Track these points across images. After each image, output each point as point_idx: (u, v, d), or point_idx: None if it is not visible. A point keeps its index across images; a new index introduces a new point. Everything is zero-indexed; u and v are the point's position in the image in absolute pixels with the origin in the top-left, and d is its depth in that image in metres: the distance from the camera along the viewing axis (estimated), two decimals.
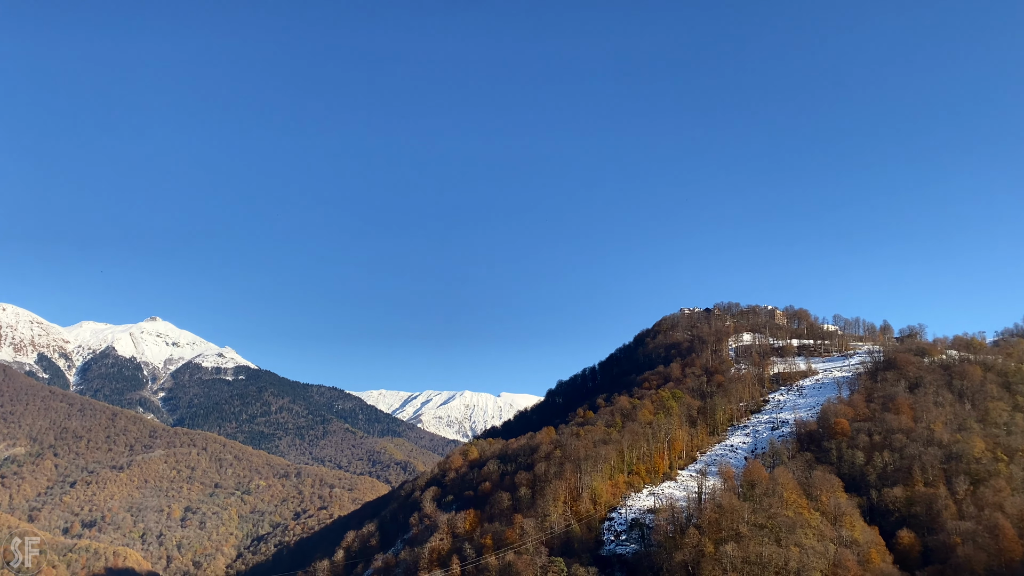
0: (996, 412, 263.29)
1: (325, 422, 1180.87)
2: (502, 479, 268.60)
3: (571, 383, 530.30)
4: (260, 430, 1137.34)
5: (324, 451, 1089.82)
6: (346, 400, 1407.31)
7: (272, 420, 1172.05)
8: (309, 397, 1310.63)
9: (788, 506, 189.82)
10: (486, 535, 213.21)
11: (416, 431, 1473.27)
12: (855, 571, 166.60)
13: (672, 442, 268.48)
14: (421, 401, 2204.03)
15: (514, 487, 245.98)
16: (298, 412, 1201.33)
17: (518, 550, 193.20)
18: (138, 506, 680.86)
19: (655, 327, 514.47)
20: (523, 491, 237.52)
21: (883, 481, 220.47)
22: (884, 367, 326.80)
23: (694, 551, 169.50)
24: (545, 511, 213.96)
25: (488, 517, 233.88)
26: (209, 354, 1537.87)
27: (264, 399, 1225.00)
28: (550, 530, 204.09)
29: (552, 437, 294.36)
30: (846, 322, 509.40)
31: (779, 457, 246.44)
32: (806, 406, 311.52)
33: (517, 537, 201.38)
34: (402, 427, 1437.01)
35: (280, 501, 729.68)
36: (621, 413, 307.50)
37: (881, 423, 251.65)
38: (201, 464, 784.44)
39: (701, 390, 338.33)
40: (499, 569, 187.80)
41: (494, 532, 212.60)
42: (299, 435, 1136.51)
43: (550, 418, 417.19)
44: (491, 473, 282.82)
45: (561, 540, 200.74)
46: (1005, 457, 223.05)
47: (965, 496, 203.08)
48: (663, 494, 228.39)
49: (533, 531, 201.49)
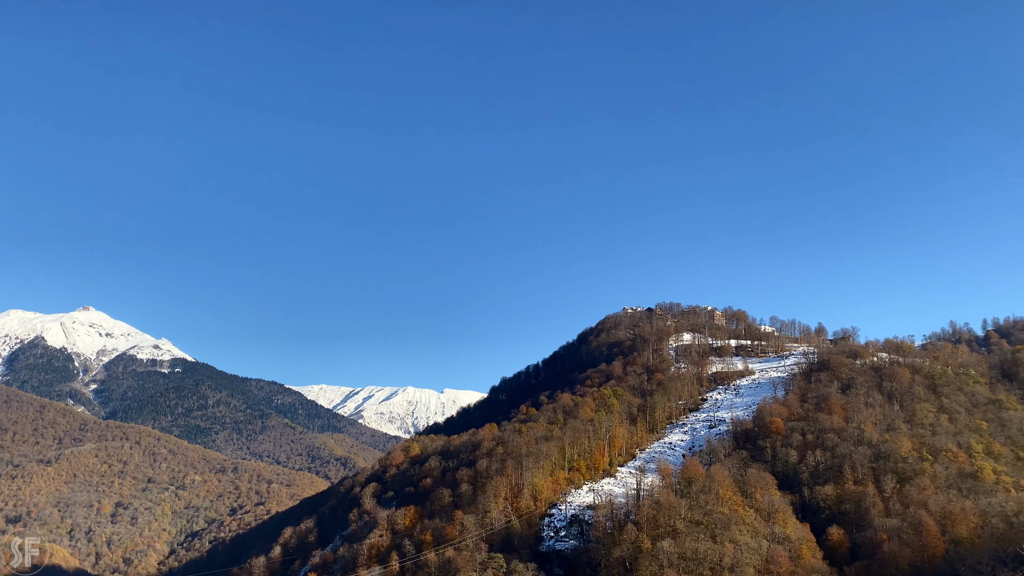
0: (923, 413, 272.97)
1: (264, 417, 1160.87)
2: (443, 475, 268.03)
3: (515, 380, 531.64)
4: (196, 424, 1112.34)
5: (262, 446, 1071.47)
6: (286, 395, 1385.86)
7: (209, 414, 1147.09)
8: (248, 391, 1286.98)
9: (724, 503, 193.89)
10: (426, 531, 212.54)
11: (357, 427, 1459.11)
12: (787, 567, 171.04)
13: (612, 439, 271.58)
14: (363, 397, 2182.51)
15: (455, 483, 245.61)
16: (236, 406, 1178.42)
17: (458, 546, 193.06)
18: (66, 501, 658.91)
19: (598, 326, 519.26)
20: (464, 487, 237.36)
21: (815, 479, 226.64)
22: (818, 368, 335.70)
23: (632, 547, 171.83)
24: (486, 507, 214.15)
25: (429, 513, 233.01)
26: (144, 346, 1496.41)
27: (201, 392, 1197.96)
28: (490, 526, 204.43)
29: (494, 434, 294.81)
30: (783, 323, 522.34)
31: (716, 455, 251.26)
32: (743, 405, 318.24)
33: (457, 533, 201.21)
34: (343, 423, 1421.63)
35: (216, 497, 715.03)
36: (563, 410, 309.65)
37: (814, 423, 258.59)
38: (134, 458, 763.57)
39: (642, 388, 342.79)
40: (438, 565, 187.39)
41: (434, 528, 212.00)
42: (237, 430, 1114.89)
43: (493, 415, 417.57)
44: (432, 469, 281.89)
45: (501, 536, 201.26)
46: (930, 457, 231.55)
47: (892, 494, 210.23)
48: (603, 491, 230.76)
49: (473, 527, 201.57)
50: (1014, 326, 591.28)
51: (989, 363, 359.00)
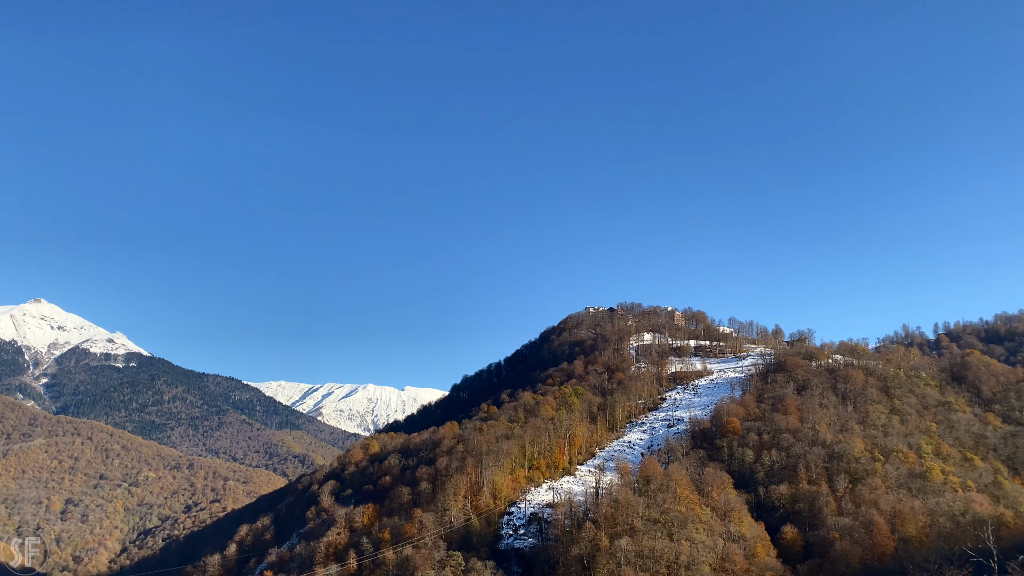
0: (875, 414, 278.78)
1: (221, 413, 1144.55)
2: (403, 473, 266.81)
3: (476, 378, 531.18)
4: (151, 420, 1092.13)
5: (219, 443, 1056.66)
6: (244, 391, 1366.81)
7: (165, 410, 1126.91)
8: (205, 387, 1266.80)
9: (681, 502, 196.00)
10: (384, 529, 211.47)
11: (316, 424, 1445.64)
12: (742, 565, 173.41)
13: (573, 438, 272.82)
14: (322, 394, 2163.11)
15: (415, 481, 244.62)
16: (192, 402, 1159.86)
17: (416, 544, 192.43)
18: (14, 498, 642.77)
19: (561, 324, 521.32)
20: (424, 485, 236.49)
21: (770, 478, 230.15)
22: (775, 369, 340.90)
23: (590, 545, 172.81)
24: (445, 505, 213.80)
25: (387, 511, 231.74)
26: (98, 339, 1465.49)
27: (157, 388, 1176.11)
28: (449, 525, 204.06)
29: (455, 432, 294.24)
30: (741, 325, 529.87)
31: (674, 454, 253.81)
32: (701, 405, 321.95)
33: (416, 531, 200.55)
34: (301, 420, 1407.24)
35: (170, 493, 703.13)
36: (524, 409, 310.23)
37: (770, 423, 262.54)
38: (85, 454, 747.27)
39: (602, 387, 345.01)
40: (397, 563, 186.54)
41: (393, 526, 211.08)
42: (193, 426, 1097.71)
43: (454, 413, 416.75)
44: (392, 467, 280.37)
45: (460, 534, 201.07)
46: (882, 457, 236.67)
47: (845, 493, 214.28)
48: (562, 489, 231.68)
49: (432, 525, 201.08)
50: (964, 330, 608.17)
51: (940, 366, 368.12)
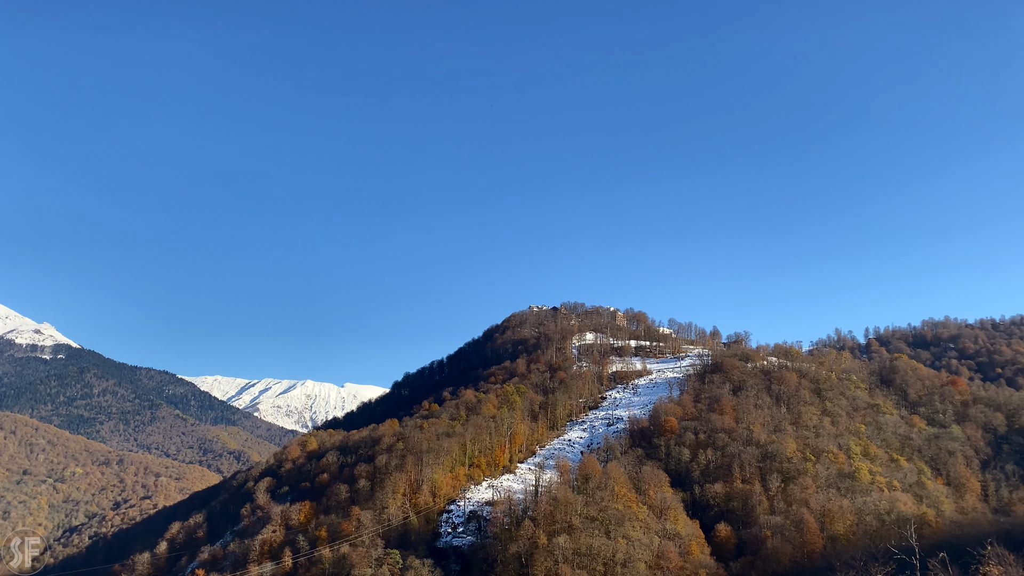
0: (808, 415, 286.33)
1: (154, 407, 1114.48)
2: (341, 471, 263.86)
3: (418, 376, 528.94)
4: (80, 414, 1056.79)
5: (151, 438, 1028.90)
6: (178, 385, 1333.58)
7: (94, 403, 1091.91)
8: (137, 380, 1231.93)
9: (618, 500, 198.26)
10: (321, 527, 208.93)
11: (253, 420, 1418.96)
12: (676, 563, 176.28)
13: (514, 436, 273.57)
14: (259, 389, 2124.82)
15: (353, 479, 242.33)
16: (124, 396, 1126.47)
17: (354, 542, 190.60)
18: None
19: (504, 323, 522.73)
20: (362, 483, 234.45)
21: (706, 477, 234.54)
22: (712, 370, 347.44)
23: (528, 543, 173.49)
24: (384, 503, 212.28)
25: (325, 509, 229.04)
26: (24, 330, 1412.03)
27: (86, 381, 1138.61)
28: (387, 522, 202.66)
29: (395, 429, 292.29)
30: (680, 326, 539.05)
31: (613, 452, 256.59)
32: (640, 404, 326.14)
33: (353, 529, 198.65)
34: (238, 415, 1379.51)
35: (98, 490, 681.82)
36: (466, 407, 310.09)
37: (707, 422, 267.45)
38: (8, 449, 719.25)
39: (544, 386, 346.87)
40: (333, 562, 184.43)
41: (330, 524, 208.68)
42: (124, 420, 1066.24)
43: (395, 410, 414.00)
44: (330, 464, 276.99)
45: (398, 532, 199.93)
46: (813, 457, 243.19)
47: (777, 493, 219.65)
48: (502, 487, 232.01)
49: (370, 523, 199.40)
50: (893, 335, 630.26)
51: (869, 369, 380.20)
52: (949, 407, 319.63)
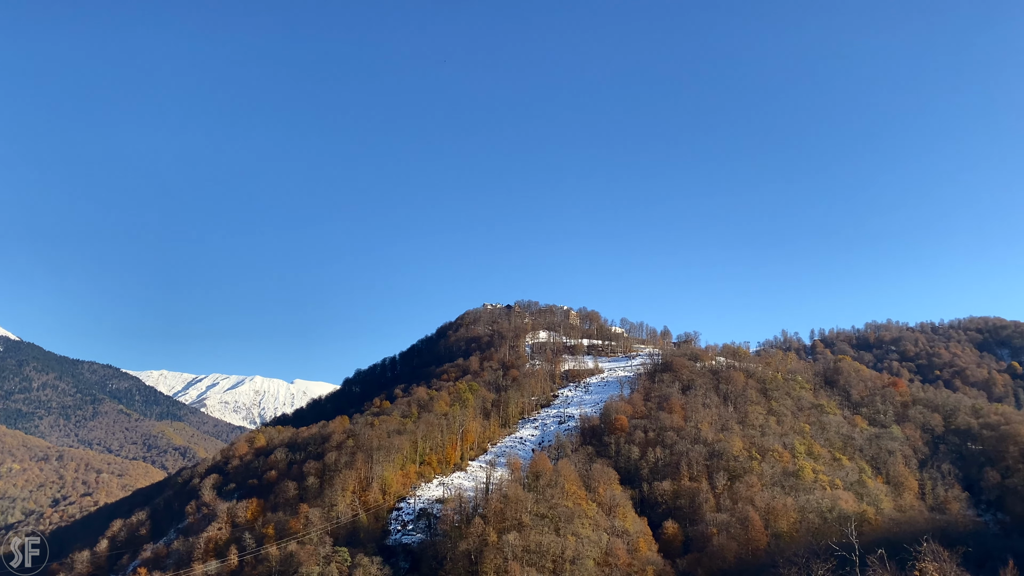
0: (754, 415, 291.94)
1: (96, 402, 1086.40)
2: (290, 468, 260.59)
3: (370, 372, 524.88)
4: (18, 408, 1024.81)
5: (93, 433, 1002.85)
6: (122, 379, 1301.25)
7: (33, 397, 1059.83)
8: (79, 374, 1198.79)
9: (568, 497, 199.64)
10: (268, 524, 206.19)
11: (199, 416, 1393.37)
12: (624, 559, 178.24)
13: (465, 433, 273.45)
14: (207, 384, 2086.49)
15: (302, 476, 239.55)
16: (65, 390, 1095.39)
17: (301, 540, 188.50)
18: None
19: (458, 320, 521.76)
20: (311, 480, 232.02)
21: (654, 475, 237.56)
22: (662, 369, 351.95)
23: (478, 540, 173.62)
24: (333, 501, 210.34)
25: (272, 506, 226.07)
26: None
27: (25, 374, 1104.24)
28: (336, 520, 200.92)
29: (346, 426, 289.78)
30: (632, 325, 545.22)
31: (564, 450, 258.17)
32: (591, 402, 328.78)
33: (302, 527, 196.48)
34: (184, 411, 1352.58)
35: (36, 487, 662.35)
36: (418, 404, 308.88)
37: (656, 421, 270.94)
38: None
39: (497, 384, 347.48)
40: (280, 559, 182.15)
41: (277, 522, 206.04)
42: (64, 415, 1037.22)
43: (346, 407, 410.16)
44: (278, 461, 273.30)
45: (347, 530, 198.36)
46: (759, 456, 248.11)
47: (723, 490, 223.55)
48: (453, 484, 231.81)
49: (319, 521, 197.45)
50: (837, 337, 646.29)
51: (814, 370, 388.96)
52: (890, 408, 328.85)
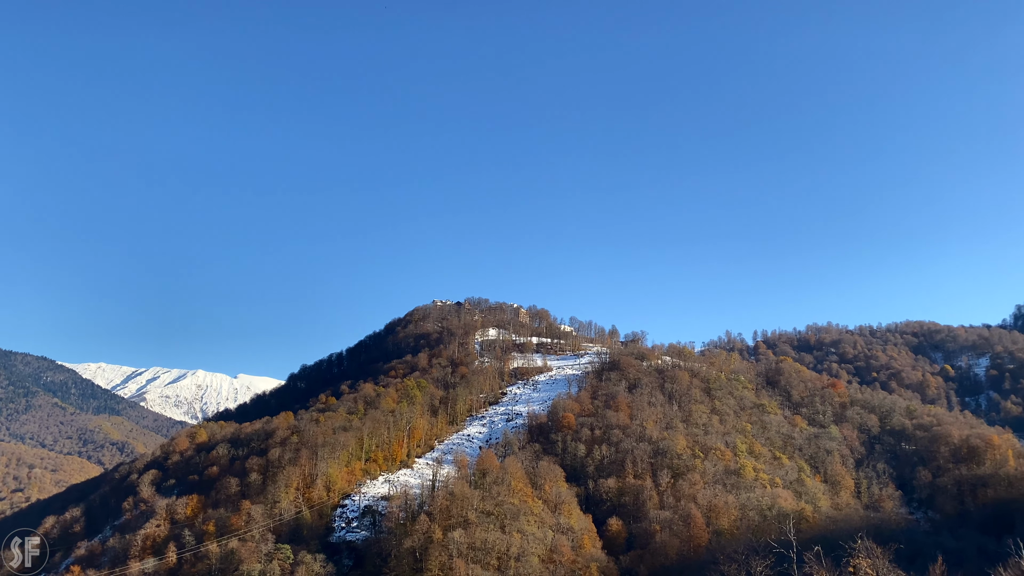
0: (698, 413, 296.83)
1: (29, 395, 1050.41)
2: (232, 464, 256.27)
3: (316, 368, 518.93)
4: None
5: (25, 427, 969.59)
6: (57, 372, 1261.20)
7: None
8: (11, 366, 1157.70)
9: (515, 494, 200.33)
10: (209, 521, 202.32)
11: (139, 410, 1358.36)
12: (569, 556, 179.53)
13: (412, 430, 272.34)
14: (147, 378, 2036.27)
15: (244, 472, 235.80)
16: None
17: (243, 537, 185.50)
18: None
19: (407, 317, 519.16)
20: (254, 476, 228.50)
21: (600, 472, 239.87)
22: (609, 368, 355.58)
23: (423, 537, 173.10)
24: (276, 497, 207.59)
25: (213, 503, 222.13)
26: None
27: None
28: (279, 517, 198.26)
29: (290, 422, 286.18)
30: (581, 324, 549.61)
31: (511, 447, 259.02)
32: (539, 400, 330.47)
33: (243, 524, 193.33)
34: (122, 405, 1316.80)
35: None
36: (365, 400, 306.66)
37: (603, 419, 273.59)
38: None
39: (446, 381, 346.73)
40: (221, 557, 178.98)
41: (218, 518, 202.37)
42: None
43: (290, 403, 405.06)
44: (220, 457, 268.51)
45: (290, 527, 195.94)
46: (701, 454, 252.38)
47: (667, 488, 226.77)
48: (399, 481, 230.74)
49: (261, 518, 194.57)
50: (779, 338, 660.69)
51: (757, 371, 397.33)
52: (828, 408, 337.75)
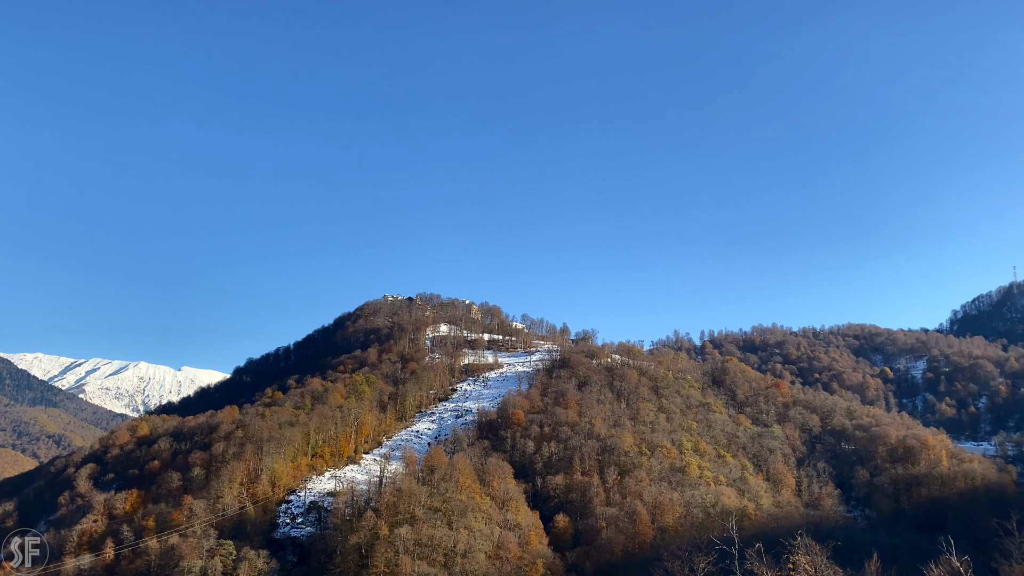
0: (645, 411, 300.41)
1: None
2: (174, 458, 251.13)
3: (263, 362, 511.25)
4: None
5: None
6: None
7: None
8: None
9: (463, 491, 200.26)
10: (149, 517, 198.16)
11: (77, 402, 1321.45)
12: (515, 553, 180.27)
13: (360, 426, 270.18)
14: (87, 369, 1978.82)
15: (187, 467, 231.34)
16: None
17: (184, 533, 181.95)
18: None
19: (357, 311, 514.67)
20: (197, 471, 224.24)
21: (548, 469, 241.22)
22: (560, 365, 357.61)
23: (369, 534, 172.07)
24: (219, 493, 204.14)
25: (154, 498, 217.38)
26: None
27: None
28: (222, 512, 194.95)
29: (235, 416, 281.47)
30: (532, 322, 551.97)
31: (460, 444, 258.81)
32: (490, 397, 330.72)
33: (185, 519, 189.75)
34: (60, 397, 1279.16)
35: None
36: (312, 395, 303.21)
37: (552, 416, 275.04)
38: None
39: (395, 376, 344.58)
40: (160, 553, 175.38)
41: (159, 514, 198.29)
42: None
43: (236, 397, 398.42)
44: (162, 451, 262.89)
45: (234, 523, 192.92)
46: (648, 452, 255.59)
47: (614, 485, 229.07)
48: (345, 477, 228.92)
49: (203, 513, 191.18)
50: (725, 339, 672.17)
51: (703, 370, 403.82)
52: (772, 408, 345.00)
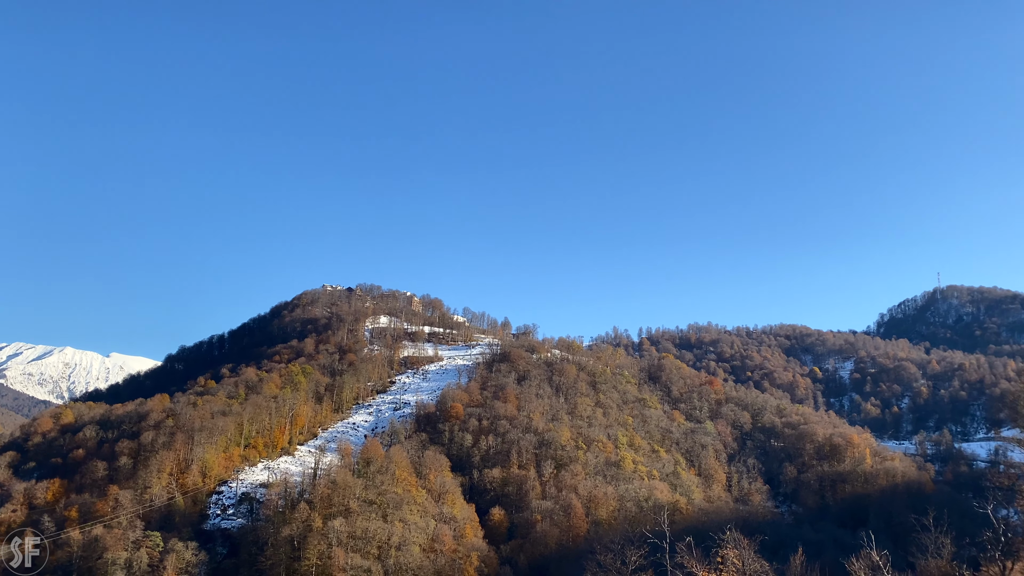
0: (583, 406, 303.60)
1: None
2: (100, 447, 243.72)
3: (196, 350, 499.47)
4: None
5: None
6: None
7: None
8: None
9: (399, 483, 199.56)
10: (72, 507, 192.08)
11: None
12: (450, 545, 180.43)
13: (296, 417, 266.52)
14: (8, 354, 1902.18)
15: (114, 456, 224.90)
16: None
17: (109, 524, 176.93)
18: None
19: (294, 300, 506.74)
20: (124, 461, 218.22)
21: (485, 462, 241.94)
22: (500, 359, 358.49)
23: (302, 526, 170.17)
24: (147, 483, 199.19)
25: (78, 488, 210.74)
26: None
27: None
28: (150, 503, 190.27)
29: (165, 405, 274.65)
30: (474, 315, 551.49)
31: (397, 436, 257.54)
32: (429, 389, 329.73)
33: (110, 510, 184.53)
34: None
35: None
36: (246, 385, 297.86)
37: (491, 409, 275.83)
38: None
39: (333, 368, 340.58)
40: (83, 544, 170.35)
41: (82, 504, 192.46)
42: None
43: (167, 385, 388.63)
44: (87, 440, 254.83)
45: (162, 514, 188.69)
46: (584, 446, 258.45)
47: (550, 478, 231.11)
48: (279, 469, 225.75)
49: (130, 504, 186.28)
50: (663, 336, 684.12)
51: (640, 366, 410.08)
52: (705, 405, 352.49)
